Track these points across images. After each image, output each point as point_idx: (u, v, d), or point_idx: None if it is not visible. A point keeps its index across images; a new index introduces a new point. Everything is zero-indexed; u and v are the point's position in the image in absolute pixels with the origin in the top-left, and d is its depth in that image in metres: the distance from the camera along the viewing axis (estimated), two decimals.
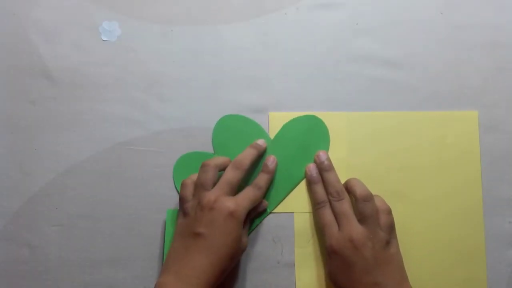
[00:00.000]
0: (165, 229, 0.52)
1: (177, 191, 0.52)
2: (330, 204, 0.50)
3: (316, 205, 0.51)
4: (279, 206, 0.52)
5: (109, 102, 0.54)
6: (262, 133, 0.53)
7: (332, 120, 0.53)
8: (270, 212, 0.52)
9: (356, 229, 0.47)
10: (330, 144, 0.53)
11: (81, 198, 0.53)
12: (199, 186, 0.48)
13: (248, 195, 0.49)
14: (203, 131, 0.53)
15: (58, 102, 0.54)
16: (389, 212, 0.48)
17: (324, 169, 0.51)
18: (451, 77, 0.54)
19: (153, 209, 0.52)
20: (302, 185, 0.53)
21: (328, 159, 0.52)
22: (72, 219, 0.52)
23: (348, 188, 0.50)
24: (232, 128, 0.53)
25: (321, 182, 0.51)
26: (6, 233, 0.52)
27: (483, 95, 0.54)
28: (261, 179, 0.50)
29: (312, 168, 0.52)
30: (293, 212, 0.52)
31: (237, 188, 0.49)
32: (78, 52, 0.55)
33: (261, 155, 0.52)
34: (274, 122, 0.54)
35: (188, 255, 0.45)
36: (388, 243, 0.47)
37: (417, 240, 0.51)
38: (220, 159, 0.50)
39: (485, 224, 0.52)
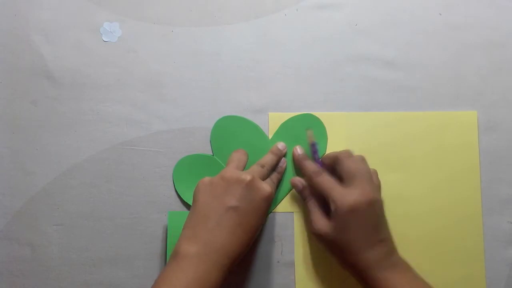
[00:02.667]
0: (166, 229, 0.52)
1: (177, 193, 0.53)
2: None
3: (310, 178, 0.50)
4: (279, 206, 0.53)
5: (110, 102, 0.54)
6: (260, 133, 0.54)
7: (332, 120, 0.54)
8: (270, 212, 0.52)
9: (367, 187, 0.46)
10: (329, 144, 0.53)
11: (82, 198, 0.53)
12: (231, 163, 0.50)
13: (274, 184, 0.50)
14: (203, 131, 0.54)
15: (59, 103, 0.54)
16: (375, 172, 0.50)
17: (303, 159, 0.51)
18: (450, 77, 0.54)
19: (153, 209, 0.53)
20: None
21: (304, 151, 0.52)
22: (73, 218, 0.53)
23: (328, 160, 0.50)
24: (230, 129, 0.54)
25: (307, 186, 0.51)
26: (8, 233, 0.53)
27: (482, 95, 0.54)
28: (274, 176, 0.52)
29: (297, 181, 0.51)
30: (293, 212, 0.52)
31: None
32: (79, 53, 0.55)
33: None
34: (274, 122, 0.54)
35: (219, 228, 0.44)
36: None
37: (416, 240, 0.52)
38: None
39: (483, 224, 0.52)
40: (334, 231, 0.46)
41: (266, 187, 0.46)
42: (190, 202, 0.52)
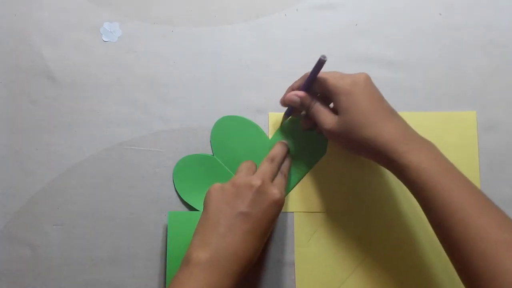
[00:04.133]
0: (166, 229, 0.52)
1: (177, 193, 0.53)
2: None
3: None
4: None
5: (110, 102, 0.54)
6: (260, 133, 0.54)
7: None
8: None
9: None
10: (330, 144, 0.53)
11: (82, 198, 0.53)
12: (241, 172, 0.48)
13: (283, 186, 0.49)
14: (203, 131, 0.54)
15: (59, 103, 0.54)
16: None
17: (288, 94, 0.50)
18: (449, 78, 0.55)
19: (153, 209, 0.53)
20: (302, 185, 0.53)
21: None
22: (73, 218, 0.53)
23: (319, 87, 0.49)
24: (230, 129, 0.54)
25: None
26: (8, 233, 0.53)
27: (482, 95, 0.54)
28: (282, 178, 0.51)
29: (292, 95, 0.50)
30: (293, 212, 0.52)
31: None
32: (79, 53, 0.55)
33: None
34: (274, 122, 0.54)
35: (230, 234, 0.43)
36: None
37: (414, 240, 0.52)
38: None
39: None
40: (344, 115, 0.45)
41: (276, 192, 0.45)
42: (190, 202, 0.52)
